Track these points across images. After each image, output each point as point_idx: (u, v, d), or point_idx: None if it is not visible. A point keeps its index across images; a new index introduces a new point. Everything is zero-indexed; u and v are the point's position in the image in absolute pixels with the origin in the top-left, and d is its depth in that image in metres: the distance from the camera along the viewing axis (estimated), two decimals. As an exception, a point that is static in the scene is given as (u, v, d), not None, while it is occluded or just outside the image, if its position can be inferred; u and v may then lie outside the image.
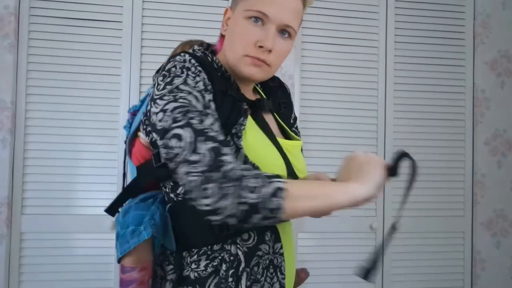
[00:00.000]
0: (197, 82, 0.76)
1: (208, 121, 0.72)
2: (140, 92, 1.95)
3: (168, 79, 0.76)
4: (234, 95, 0.83)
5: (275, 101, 0.98)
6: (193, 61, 0.79)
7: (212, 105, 0.76)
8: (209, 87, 0.78)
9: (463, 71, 2.21)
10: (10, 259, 1.85)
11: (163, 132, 0.71)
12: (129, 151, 0.94)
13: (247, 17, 0.81)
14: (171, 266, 0.83)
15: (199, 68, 0.79)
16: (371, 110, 2.13)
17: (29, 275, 1.86)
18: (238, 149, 0.78)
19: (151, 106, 0.77)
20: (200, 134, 0.68)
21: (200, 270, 0.79)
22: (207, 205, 0.65)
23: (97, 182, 1.92)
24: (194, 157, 0.67)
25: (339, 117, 2.10)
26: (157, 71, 0.83)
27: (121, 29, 1.95)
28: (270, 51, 0.81)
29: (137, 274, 0.84)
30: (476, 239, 2.18)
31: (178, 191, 0.82)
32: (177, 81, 0.75)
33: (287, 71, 2.02)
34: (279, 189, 0.66)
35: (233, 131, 0.79)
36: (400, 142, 2.15)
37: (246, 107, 0.84)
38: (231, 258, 0.79)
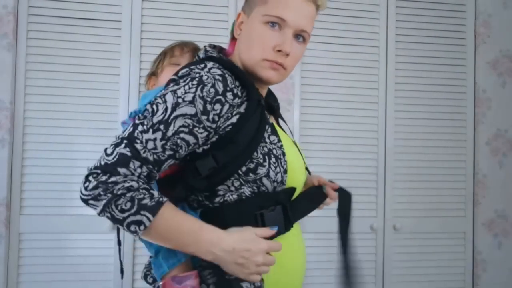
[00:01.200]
0: (186, 93, 0.78)
1: (148, 135, 0.75)
2: (139, 92, 1.94)
3: (170, 85, 0.81)
4: (263, 103, 0.87)
5: (270, 104, 1.02)
6: (217, 70, 0.81)
7: (181, 118, 0.77)
8: (227, 102, 0.80)
9: (464, 71, 2.20)
10: (8, 260, 1.84)
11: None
12: None
13: (264, 21, 0.85)
14: (209, 270, 0.82)
15: (217, 77, 0.80)
16: (372, 110, 2.12)
17: (27, 275, 1.86)
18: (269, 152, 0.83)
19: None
20: (129, 139, 0.75)
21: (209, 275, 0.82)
22: (81, 192, 0.76)
23: (96, 182, 1.91)
24: (108, 150, 0.75)
25: (339, 117, 2.09)
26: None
27: (120, 29, 1.95)
28: (287, 54, 0.85)
29: (193, 281, 0.79)
30: (477, 240, 2.17)
31: (216, 200, 0.83)
32: (171, 88, 0.80)
33: (287, 71, 2.01)
34: (141, 223, 0.73)
35: (267, 136, 0.84)
36: (400, 142, 2.14)
37: (267, 114, 0.89)
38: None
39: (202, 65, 0.81)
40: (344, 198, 1.06)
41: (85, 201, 0.76)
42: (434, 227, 2.15)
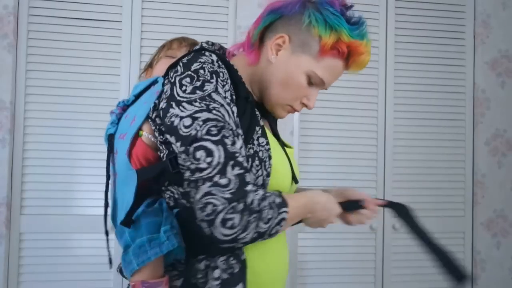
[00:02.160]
0: (226, 92, 0.76)
1: (239, 143, 0.72)
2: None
3: (198, 83, 0.73)
4: (252, 101, 0.84)
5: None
6: (220, 63, 0.79)
7: (237, 120, 0.76)
8: (234, 97, 0.79)
9: (464, 71, 2.21)
10: (9, 260, 1.85)
11: (191, 140, 0.69)
12: (129, 151, 0.83)
13: (308, 75, 0.85)
14: (176, 272, 0.81)
15: (226, 72, 0.78)
16: (371, 111, 2.13)
17: (28, 275, 1.86)
18: (256, 155, 0.80)
19: (170, 106, 0.73)
20: (231, 157, 0.69)
21: (212, 279, 0.77)
22: (226, 235, 0.68)
23: (96, 182, 1.91)
24: (221, 180, 0.68)
25: (339, 118, 2.10)
26: (173, 66, 0.80)
27: (121, 29, 1.95)
28: (308, 107, 0.89)
29: (165, 287, 0.78)
30: (476, 240, 2.18)
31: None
32: (208, 87, 0.73)
33: (287, 71, 2.02)
34: (283, 219, 0.73)
35: (256, 138, 0.82)
36: (400, 142, 2.15)
37: (258, 115, 0.86)
38: (240, 266, 0.79)
39: (209, 57, 0.79)
40: (401, 211, 1.02)
41: (234, 240, 0.69)
42: (433, 227, 2.14)
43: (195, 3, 2.01)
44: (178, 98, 0.73)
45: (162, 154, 0.79)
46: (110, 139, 0.88)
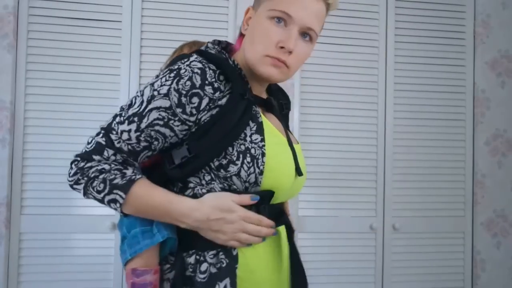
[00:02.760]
0: (162, 86, 0.79)
1: (123, 127, 0.79)
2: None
3: (134, 99, 0.82)
4: (250, 99, 0.83)
5: (278, 102, 1.00)
6: (198, 64, 0.80)
7: (156, 110, 0.78)
8: (206, 95, 0.79)
9: (463, 71, 2.21)
10: (9, 260, 1.85)
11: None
12: None
13: (270, 17, 0.82)
14: (168, 265, 0.84)
15: (197, 70, 0.79)
16: (371, 110, 2.13)
17: (28, 275, 1.86)
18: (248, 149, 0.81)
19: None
20: (105, 129, 0.80)
21: (199, 272, 0.80)
22: (68, 179, 0.81)
23: (96, 182, 1.92)
24: (88, 139, 0.81)
25: (339, 117, 2.10)
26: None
27: (121, 29, 1.95)
28: (290, 52, 0.81)
29: (151, 277, 0.81)
30: (476, 239, 2.18)
31: (186, 193, 0.82)
32: (152, 82, 0.81)
33: (287, 71, 2.02)
34: (116, 201, 0.78)
35: (249, 134, 0.81)
36: (400, 142, 2.15)
37: (257, 112, 0.85)
38: (229, 261, 0.80)
39: (185, 59, 0.81)
40: None
41: (71, 186, 0.81)
42: (433, 227, 2.15)
43: (195, 3, 2.01)
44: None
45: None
46: None
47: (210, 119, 0.79)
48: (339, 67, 2.11)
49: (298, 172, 0.88)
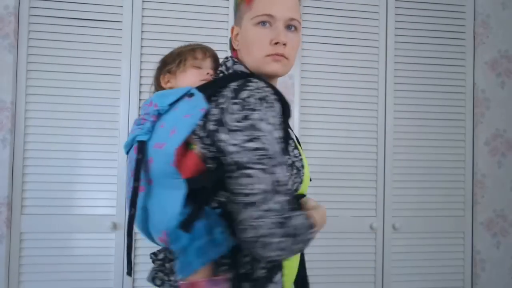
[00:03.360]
0: (273, 117, 0.81)
1: (283, 171, 0.79)
2: (140, 92, 1.95)
3: (246, 112, 0.80)
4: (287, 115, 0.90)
5: None
6: (267, 89, 0.84)
7: (281, 144, 0.82)
8: (281, 119, 0.84)
9: (463, 71, 2.21)
10: (10, 259, 1.85)
11: (240, 167, 0.77)
12: (175, 162, 0.85)
13: (255, 23, 0.91)
14: (224, 267, 0.86)
15: (273, 97, 0.84)
16: (371, 110, 2.13)
17: (29, 275, 1.86)
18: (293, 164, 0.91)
19: (220, 132, 0.81)
20: (276, 185, 0.76)
21: (259, 268, 0.86)
22: (266, 256, 0.76)
23: (97, 182, 1.92)
24: (267, 207, 0.74)
25: (339, 117, 2.10)
26: (214, 87, 0.88)
27: (121, 29, 1.95)
28: (285, 44, 0.90)
29: (227, 283, 0.83)
30: (476, 239, 2.18)
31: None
32: (255, 116, 0.79)
33: (287, 71, 2.02)
34: (311, 239, 0.81)
35: (291, 150, 0.92)
36: (400, 142, 2.15)
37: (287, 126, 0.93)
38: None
39: (257, 84, 0.85)
40: None
41: (272, 260, 0.79)
42: (433, 227, 2.16)
43: (196, 3, 2.01)
44: (228, 125, 0.80)
45: (210, 166, 0.85)
46: (142, 146, 0.89)
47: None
48: (339, 67, 2.11)
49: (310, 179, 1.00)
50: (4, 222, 1.83)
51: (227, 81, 0.88)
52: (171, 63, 1.03)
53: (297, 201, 0.94)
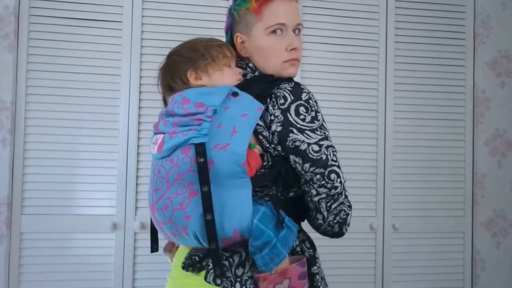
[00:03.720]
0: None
1: (336, 155, 0.95)
2: (140, 91, 1.95)
3: (313, 113, 0.94)
4: None
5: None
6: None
7: None
8: None
9: (463, 71, 2.21)
10: (10, 259, 1.85)
11: (324, 165, 0.91)
12: (243, 162, 0.87)
13: (268, 33, 0.99)
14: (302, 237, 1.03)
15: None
16: (371, 110, 2.13)
17: (29, 275, 1.86)
18: None
19: (290, 131, 0.92)
20: (343, 176, 0.95)
21: (306, 248, 1.01)
22: (346, 232, 1.02)
23: (97, 182, 1.92)
24: (346, 193, 0.97)
25: (339, 117, 2.10)
26: (265, 90, 0.96)
27: (121, 29, 1.95)
28: (297, 49, 1.00)
29: (305, 264, 0.95)
30: (476, 239, 2.18)
31: (290, 194, 0.99)
32: (320, 117, 0.95)
33: (287, 71, 2.02)
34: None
35: None
36: (400, 142, 2.15)
37: None
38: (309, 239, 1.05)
39: (305, 87, 0.99)
40: None
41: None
42: (433, 227, 2.16)
43: (196, 3, 2.01)
44: (299, 125, 0.92)
45: (266, 164, 0.95)
46: (202, 148, 0.86)
47: None
48: (339, 67, 2.11)
49: None
50: (4, 222, 1.83)
51: (273, 83, 0.97)
52: (199, 59, 0.99)
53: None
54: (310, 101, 0.94)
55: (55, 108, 1.91)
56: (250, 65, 1.03)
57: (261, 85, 0.97)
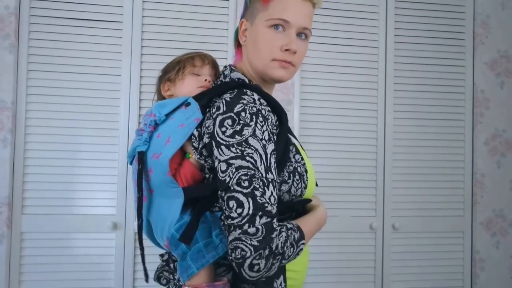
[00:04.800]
0: (263, 132, 0.80)
1: (268, 192, 0.77)
2: (140, 92, 1.95)
3: (238, 127, 0.79)
4: (287, 126, 0.91)
5: None
6: (262, 100, 0.85)
7: (271, 160, 0.80)
8: (273, 132, 0.84)
9: (463, 71, 2.21)
10: (10, 259, 1.85)
11: (225, 188, 0.77)
12: (172, 170, 0.87)
13: (269, 25, 0.91)
14: (224, 267, 0.88)
15: (267, 109, 0.84)
16: (371, 110, 2.14)
17: (29, 274, 1.87)
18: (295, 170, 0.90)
19: (211, 145, 0.81)
20: (259, 208, 0.75)
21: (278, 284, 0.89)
22: (252, 276, 0.75)
23: (97, 182, 1.93)
24: (250, 230, 0.74)
25: (339, 117, 2.11)
26: (209, 97, 0.88)
27: (121, 29, 1.96)
28: (295, 52, 0.91)
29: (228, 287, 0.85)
30: (475, 239, 2.18)
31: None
32: (247, 132, 0.79)
33: (287, 71, 2.02)
34: (301, 250, 0.83)
35: (292, 156, 0.91)
36: (399, 142, 2.15)
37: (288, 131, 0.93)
38: None
39: (251, 97, 0.84)
40: None
41: (259, 279, 0.78)
42: (433, 227, 2.16)
43: (196, 3, 2.01)
44: (218, 139, 0.80)
45: (208, 176, 0.88)
46: (141, 156, 0.90)
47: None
48: (339, 67, 2.11)
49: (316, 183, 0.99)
50: (5, 222, 1.84)
51: (222, 90, 0.88)
52: (170, 71, 1.02)
53: (303, 206, 0.94)
54: (243, 113, 0.80)
55: (56, 108, 1.91)
56: (226, 71, 0.97)
57: (214, 92, 0.90)
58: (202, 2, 2.02)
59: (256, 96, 0.85)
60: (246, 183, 0.76)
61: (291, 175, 0.89)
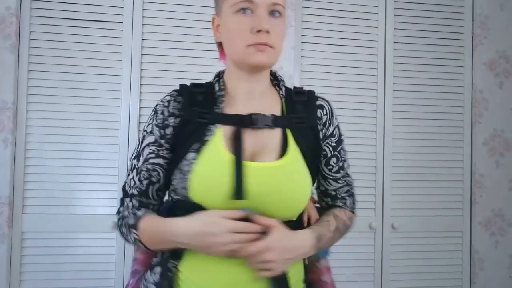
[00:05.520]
0: (148, 125, 0.91)
1: (131, 176, 0.91)
2: (140, 92, 1.96)
3: (147, 122, 0.93)
4: (200, 121, 0.87)
5: (291, 116, 0.96)
6: (168, 98, 0.91)
7: (148, 147, 0.90)
8: (167, 129, 0.89)
9: (462, 72, 2.22)
10: (11, 259, 1.86)
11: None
12: None
13: (235, 11, 0.84)
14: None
15: (164, 105, 0.90)
16: (370, 110, 2.14)
17: (30, 274, 1.87)
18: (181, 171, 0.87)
19: None
20: (124, 185, 0.92)
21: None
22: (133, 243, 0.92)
23: (98, 182, 1.93)
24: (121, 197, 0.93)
25: (338, 117, 2.11)
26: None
27: (122, 30, 1.96)
28: (268, 32, 0.83)
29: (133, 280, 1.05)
30: (474, 239, 2.19)
31: (172, 195, 0.92)
32: (147, 128, 0.91)
33: (287, 71, 2.03)
34: (136, 240, 0.87)
35: (184, 154, 0.86)
36: (398, 142, 2.16)
37: (209, 131, 0.86)
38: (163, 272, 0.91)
39: (166, 96, 0.92)
40: None
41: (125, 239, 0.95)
42: (432, 226, 2.17)
43: (196, 3, 2.02)
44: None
45: None
46: None
47: (173, 144, 0.89)
48: (339, 67, 2.12)
49: (236, 194, 0.80)
50: (6, 222, 1.84)
51: None
52: None
53: (187, 212, 0.83)
54: (153, 109, 0.91)
55: (56, 108, 1.92)
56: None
57: None
58: (202, 2, 2.02)
59: (168, 97, 0.91)
60: (131, 176, 0.91)
61: (177, 172, 0.86)
